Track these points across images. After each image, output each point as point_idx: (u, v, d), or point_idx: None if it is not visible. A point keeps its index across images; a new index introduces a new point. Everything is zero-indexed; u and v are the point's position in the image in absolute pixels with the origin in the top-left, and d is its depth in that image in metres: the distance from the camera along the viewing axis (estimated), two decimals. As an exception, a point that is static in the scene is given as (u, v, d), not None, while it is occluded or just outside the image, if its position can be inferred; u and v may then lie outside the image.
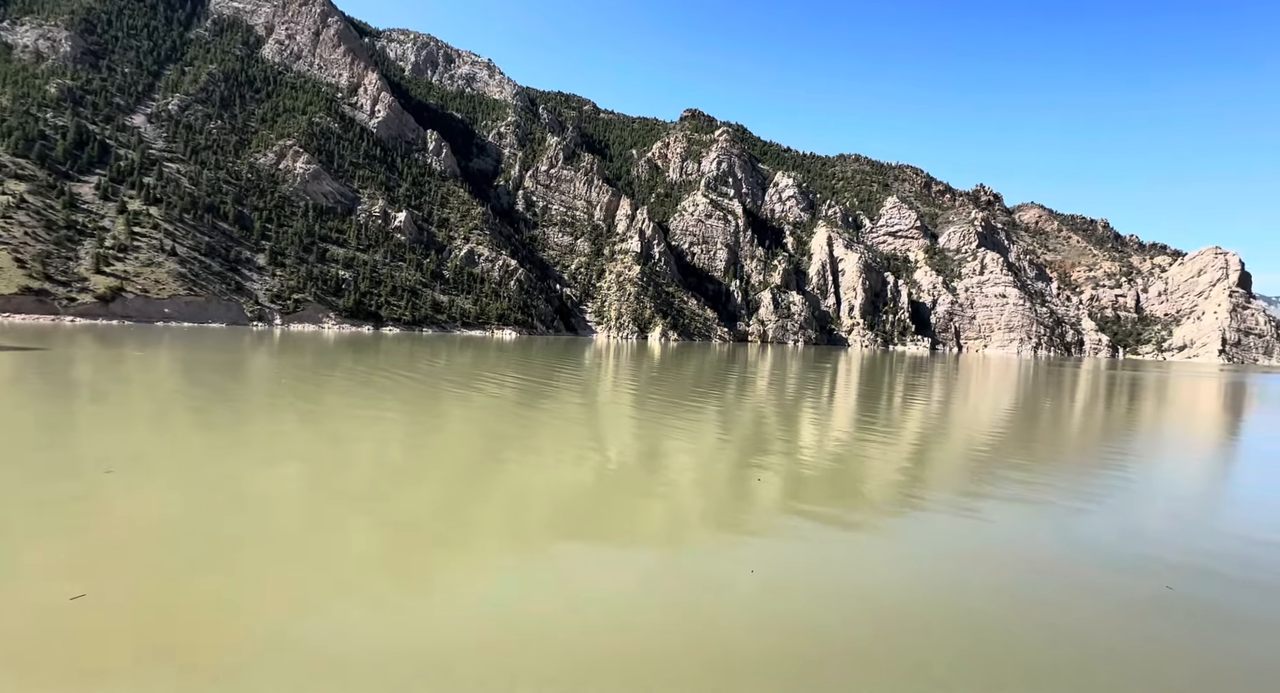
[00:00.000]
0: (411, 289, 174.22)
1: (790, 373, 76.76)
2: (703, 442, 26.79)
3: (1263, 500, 22.64)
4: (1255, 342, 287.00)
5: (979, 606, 11.47)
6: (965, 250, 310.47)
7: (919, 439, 31.65)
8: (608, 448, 24.76)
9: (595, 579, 11.75)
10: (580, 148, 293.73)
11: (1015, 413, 46.83)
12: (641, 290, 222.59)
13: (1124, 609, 11.59)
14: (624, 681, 8.41)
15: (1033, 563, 14.01)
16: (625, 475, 20.47)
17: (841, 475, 22.12)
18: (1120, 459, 29.62)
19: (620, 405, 38.59)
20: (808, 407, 43.09)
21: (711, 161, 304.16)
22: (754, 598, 11.21)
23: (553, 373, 59.13)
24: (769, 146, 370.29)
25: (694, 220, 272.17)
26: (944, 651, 9.69)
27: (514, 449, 23.07)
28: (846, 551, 14.23)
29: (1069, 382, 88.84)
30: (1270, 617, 11.55)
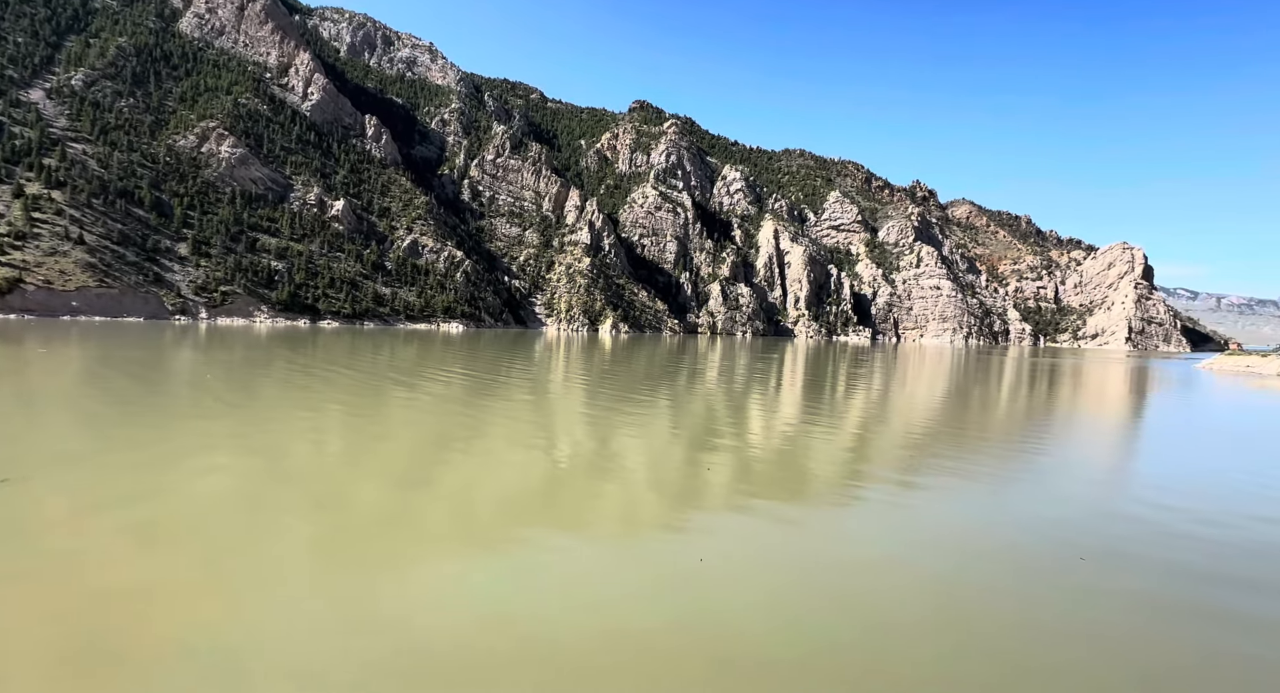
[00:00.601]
0: (351, 281, 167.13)
1: (739, 364, 78.31)
2: (654, 433, 27.00)
3: (1162, 473, 24.81)
4: (1156, 330, 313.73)
5: (914, 583, 12.09)
6: (903, 244, 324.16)
7: (860, 426, 32.96)
8: (559, 441, 24.60)
9: (547, 571, 11.69)
10: (528, 137, 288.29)
11: (948, 399, 49.44)
12: (592, 282, 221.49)
13: (1043, 581, 12.49)
14: (579, 668, 8.42)
15: (962, 541, 14.87)
16: (577, 468, 20.41)
17: (788, 463, 22.78)
18: (1039, 440, 31.79)
19: (571, 398, 38.38)
20: (756, 397, 44.09)
21: (661, 154, 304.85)
22: (703, 586, 11.42)
23: (502, 366, 58.15)
24: (717, 140, 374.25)
25: (644, 212, 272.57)
26: (889, 626, 10.19)
27: (463, 444, 22.59)
28: (793, 536, 14.68)
29: (996, 369, 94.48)
30: (1179, 588, 12.70)
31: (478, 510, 15.30)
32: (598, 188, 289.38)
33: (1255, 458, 27.92)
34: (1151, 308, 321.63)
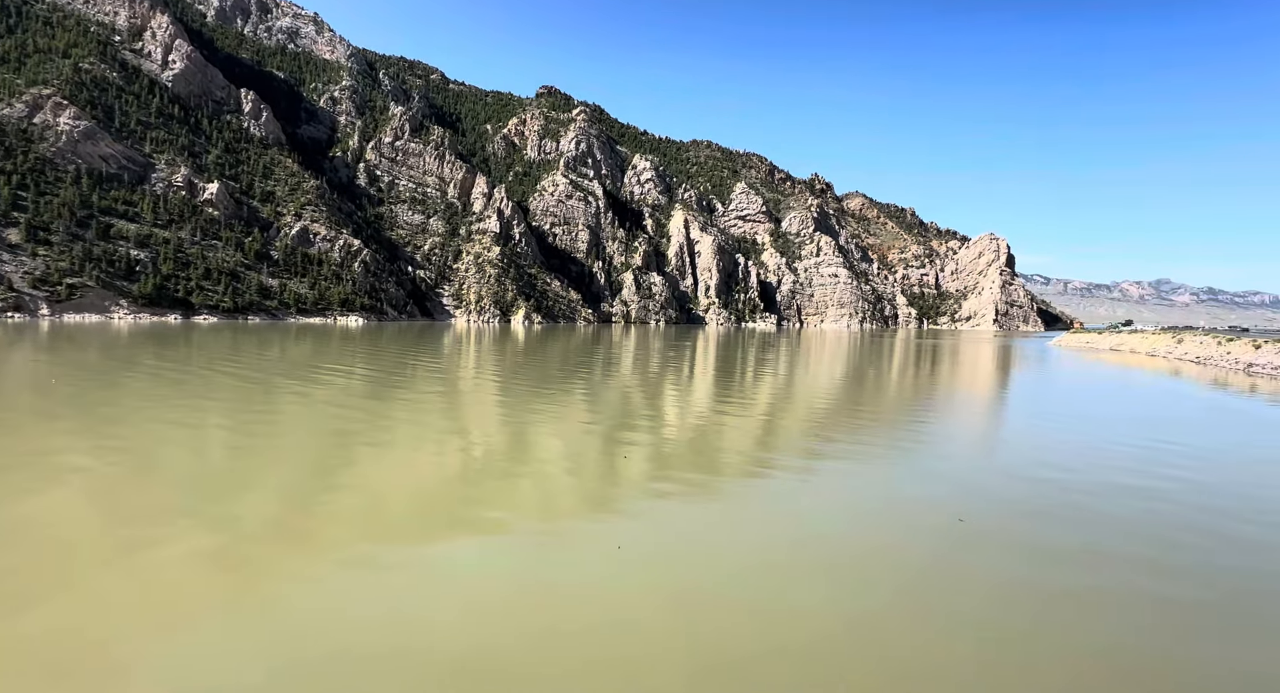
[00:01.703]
0: (231, 272, 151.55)
1: (653, 352, 79.48)
2: (570, 423, 26.82)
3: (1025, 440, 28.06)
4: (1017, 312, 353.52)
5: (817, 552, 12.89)
6: (804, 234, 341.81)
7: (768, 409, 34.57)
8: (472, 436, 23.81)
9: (459, 568, 11.29)
10: (429, 120, 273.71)
11: (846, 380, 53.00)
12: (502, 272, 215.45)
13: (927, 540, 13.75)
14: (491, 664, 8.22)
15: (859, 509, 16.06)
16: (491, 462, 19.87)
17: (702, 448, 23.46)
18: (924, 415, 34.89)
19: (484, 392, 37.26)
20: (670, 384, 44.97)
21: (570, 141, 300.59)
22: (620, 573, 11.52)
23: (408, 361, 55.30)
24: (627, 129, 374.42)
25: (555, 201, 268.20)
26: (799, 596, 10.78)
27: (367, 443, 21.26)
28: (707, 518, 15.16)
29: (887, 350, 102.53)
30: (1040, 538, 14.39)
31: (384, 511, 14.48)
32: (506, 175, 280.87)
33: (1094, 423, 32.28)
34: (1014, 293, 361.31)
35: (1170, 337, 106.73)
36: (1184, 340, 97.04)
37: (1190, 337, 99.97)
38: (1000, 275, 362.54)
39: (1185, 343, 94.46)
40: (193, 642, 8.73)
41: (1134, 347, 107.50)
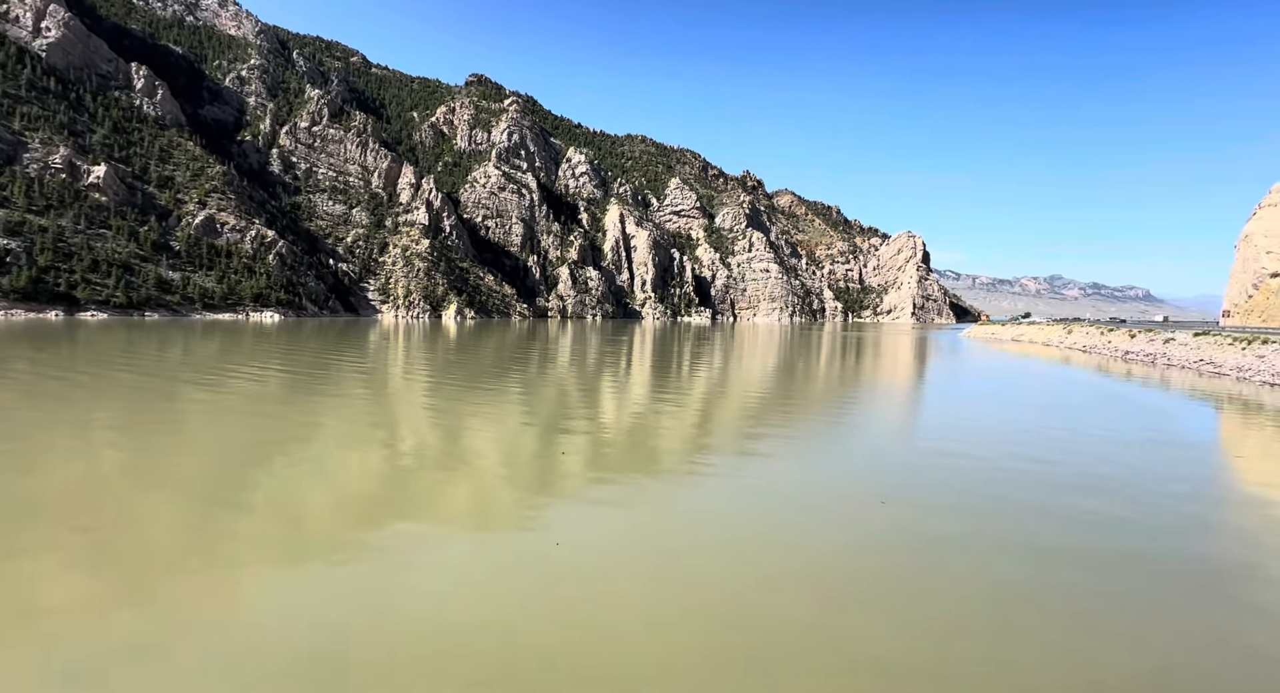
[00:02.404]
0: (124, 264, 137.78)
1: (590, 347, 79.15)
2: (506, 421, 26.26)
3: (939, 423, 30.01)
4: (932, 305, 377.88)
5: (751, 542, 13.25)
6: (737, 230, 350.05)
7: (704, 402, 35.20)
8: (400, 436, 22.83)
9: (388, 574, 10.78)
10: (350, 105, 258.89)
11: (777, 372, 54.81)
12: (432, 266, 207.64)
13: (851, 522, 14.44)
14: (426, 674, 7.91)
15: (790, 496, 16.64)
16: (422, 463, 19.13)
17: (640, 440, 23.58)
18: (850, 403, 36.65)
19: (413, 390, 35.83)
20: (607, 379, 44.92)
21: (502, 132, 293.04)
22: (559, 571, 11.39)
23: (329, 359, 52.33)
24: (560, 121, 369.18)
25: (487, 193, 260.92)
26: (731, 587, 11.03)
27: (285, 448, 19.93)
28: (646, 512, 15.25)
29: (815, 343, 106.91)
30: (956, 509, 15.40)
31: (303, 520, 13.62)
32: (434, 165, 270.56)
33: (998, 407, 34.97)
34: (929, 287, 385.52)
35: (1062, 328, 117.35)
36: (1073, 331, 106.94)
37: (1078, 328, 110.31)
38: (917, 271, 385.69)
39: (1074, 334, 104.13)
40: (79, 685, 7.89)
41: (1032, 337, 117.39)
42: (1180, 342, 69.61)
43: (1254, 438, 27.92)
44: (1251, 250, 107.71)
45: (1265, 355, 51.95)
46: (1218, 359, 57.14)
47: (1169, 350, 68.48)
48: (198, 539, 12.50)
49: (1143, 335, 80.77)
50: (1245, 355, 54.59)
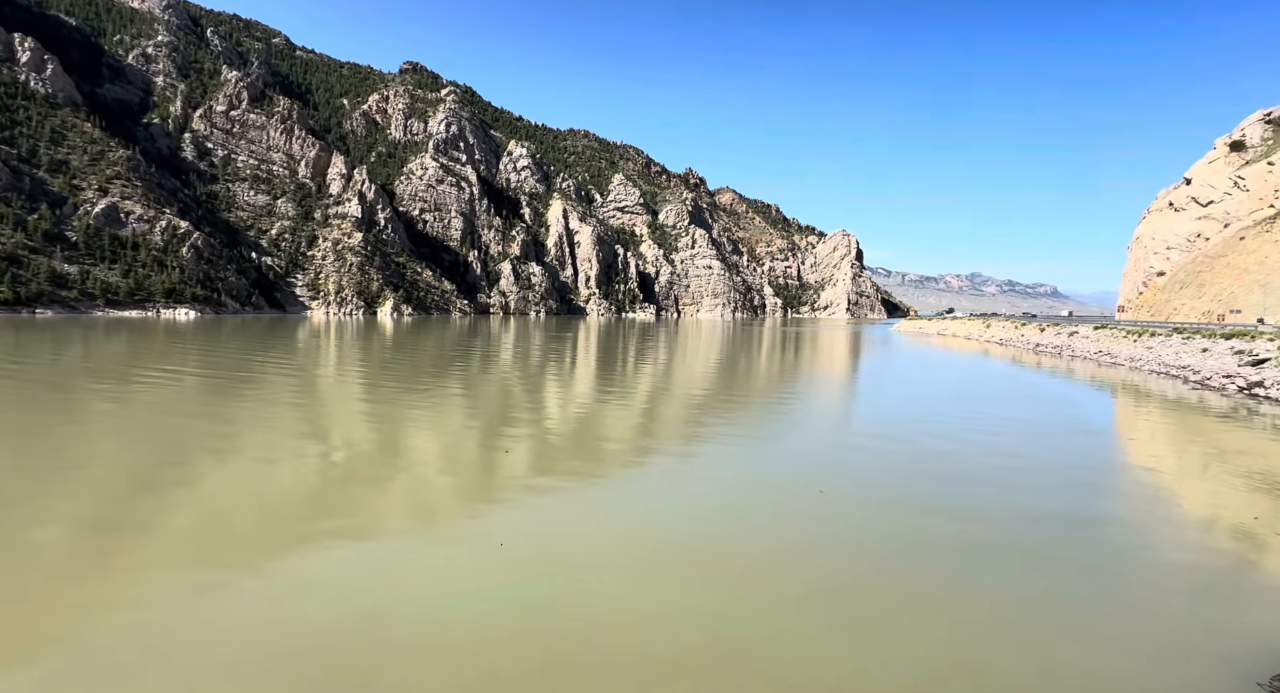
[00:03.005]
0: (10, 256, 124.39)
1: (534, 344, 78.10)
2: (446, 420, 25.56)
3: (872, 414, 31.46)
4: (865, 301, 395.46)
5: (697, 537, 13.50)
6: (680, 227, 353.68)
7: (649, 397, 35.46)
8: (333, 439, 21.80)
9: (321, 583, 10.30)
10: (273, 89, 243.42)
11: (720, 367, 55.89)
12: (366, 260, 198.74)
13: (791, 511, 14.96)
14: (366, 682, 7.63)
15: (732, 489, 17.05)
16: (356, 466, 18.34)
17: (584, 438, 23.51)
18: (789, 396, 37.85)
19: (347, 391, 34.28)
20: (551, 376, 44.49)
21: (440, 123, 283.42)
22: (504, 570, 11.23)
23: (253, 358, 49.25)
24: (501, 113, 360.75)
25: (424, 185, 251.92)
26: (676, 580, 11.19)
27: (202, 455, 18.62)
28: (591, 509, 15.24)
29: (757, 338, 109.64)
30: (887, 495, 16.19)
31: (227, 529, 12.80)
32: (367, 155, 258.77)
33: (924, 398, 37.02)
34: (863, 284, 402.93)
35: (981, 323, 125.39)
36: (991, 326, 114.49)
37: (996, 322, 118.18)
38: (851, 268, 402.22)
39: (992, 328, 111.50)
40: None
41: (955, 332, 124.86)
42: (1082, 335, 75.84)
43: (1143, 422, 30.83)
44: (1141, 251, 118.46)
45: (1153, 347, 57.35)
46: (1114, 350, 62.64)
47: (1073, 343, 74.50)
48: (92, 561, 11.51)
49: (1051, 329, 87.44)
50: (1136, 347, 60.09)
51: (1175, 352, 52.40)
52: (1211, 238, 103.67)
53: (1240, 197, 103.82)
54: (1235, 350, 45.15)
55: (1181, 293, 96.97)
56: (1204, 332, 56.05)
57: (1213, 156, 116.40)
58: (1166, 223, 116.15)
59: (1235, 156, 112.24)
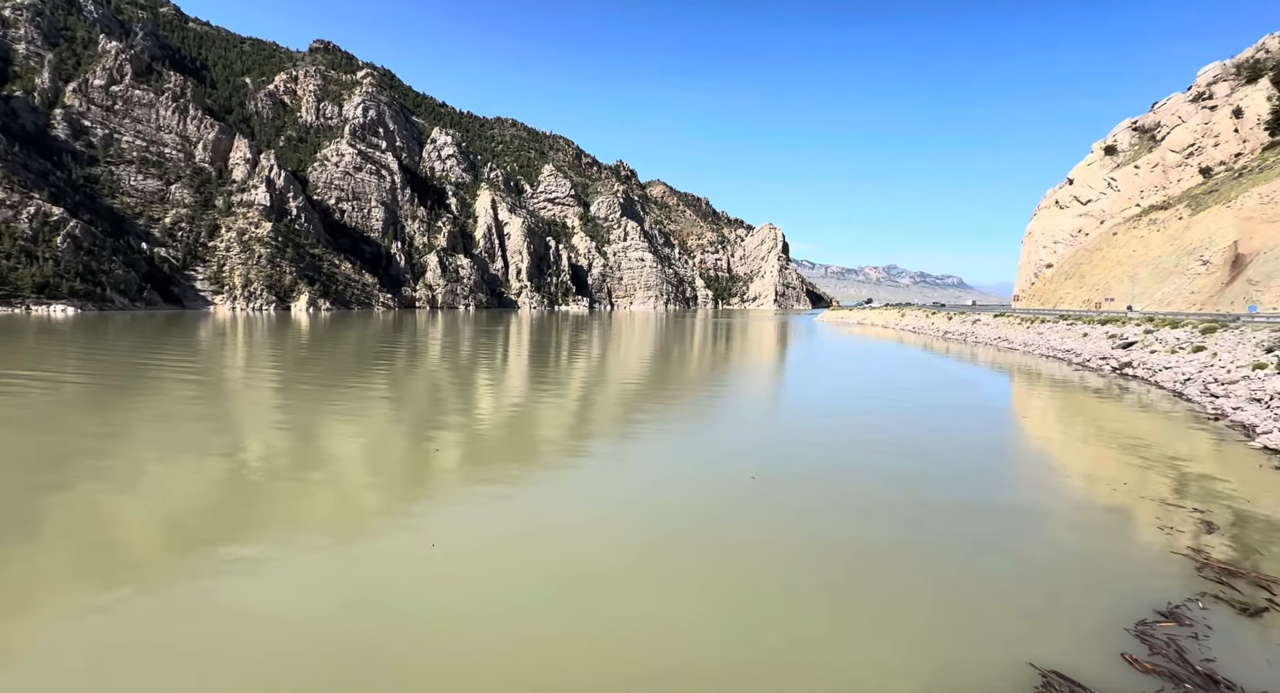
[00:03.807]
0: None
1: (463, 339, 75.84)
2: (370, 420, 24.41)
3: (800, 398, 32.82)
4: (792, 292, 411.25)
5: (632, 522, 13.65)
6: (612, 219, 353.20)
7: (582, 390, 35.32)
8: (243, 444, 20.31)
9: (235, 595, 9.61)
10: (162, 63, 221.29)
11: (654, 358, 56.47)
12: (277, 252, 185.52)
13: (725, 497, 15.41)
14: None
15: (667, 478, 17.33)
16: (267, 471, 17.18)
17: (517, 433, 23.13)
18: (721, 385, 38.82)
19: (257, 393, 31.99)
20: (482, 371, 43.40)
21: (357, 107, 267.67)
22: (437, 575, 10.91)
23: (146, 360, 44.95)
24: (423, 99, 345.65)
25: (340, 173, 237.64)
26: (615, 574, 11.26)
27: (86, 468, 16.83)
28: (524, 505, 15.04)
29: (689, 329, 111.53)
30: (814, 483, 16.94)
31: (117, 548, 11.68)
32: (275, 139, 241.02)
33: (846, 384, 39.02)
34: (789, 276, 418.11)
35: (897, 312, 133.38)
36: (905, 315, 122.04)
37: (909, 312, 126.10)
38: (778, 261, 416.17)
39: (906, 317, 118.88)
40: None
41: (873, 321, 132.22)
42: (984, 323, 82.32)
43: (1035, 401, 33.93)
44: (1033, 245, 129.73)
45: (1043, 333, 63.11)
46: (1010, 336, 68.44)
47: (976, 330, 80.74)
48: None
49: (957, 318, 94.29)
50: (1029, 333, 65.94)
51: (1061, 337, 57.92)
52: (1090, 233, 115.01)
53: (1113, 196, 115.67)
54: (1110, 335, 50.45)
55: (1066, 283, 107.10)
56: (1085, 318, 62.26)
57: (1090, 159, 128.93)
58: (1053, 219, 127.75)
59: (1109, 160, 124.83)
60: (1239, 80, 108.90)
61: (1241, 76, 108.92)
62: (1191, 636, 9.02)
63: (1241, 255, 64.90)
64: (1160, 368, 37.53)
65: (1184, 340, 40.38)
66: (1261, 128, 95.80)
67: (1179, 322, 46.23)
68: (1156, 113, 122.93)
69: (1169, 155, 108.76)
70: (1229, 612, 9.75)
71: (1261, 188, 68.95)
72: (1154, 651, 8.65)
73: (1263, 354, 30.09)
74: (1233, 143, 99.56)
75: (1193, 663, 8.34)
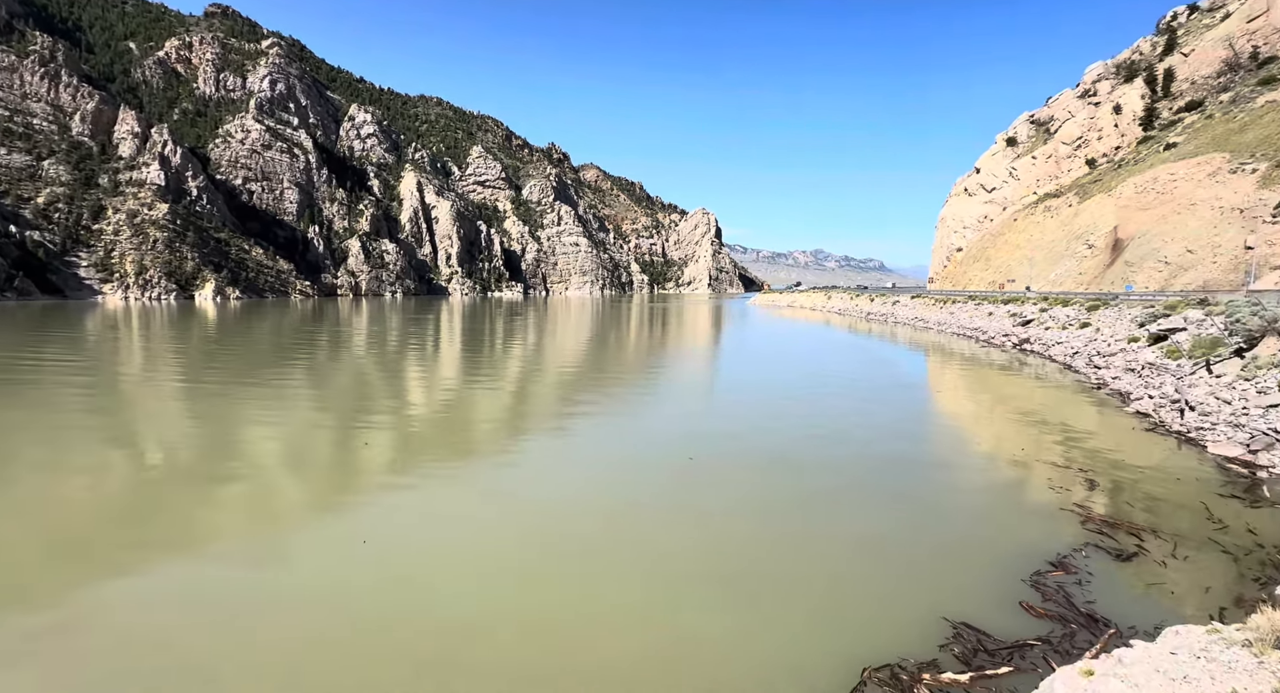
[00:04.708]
0: None
1: (390, 327, 72.66)
2: (292, 416, 23.06)
3: (734, 382, 33.74)
4: (725, 276, 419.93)
5: (570, 510, 13.70)
6: (545, 203, 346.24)
7: (518, 379, 34.81)
8: (146, 448, 18.70)
9: (143, 609, 8.94)
10: (24, 22, 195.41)
11: (591, 343, 56.31)
12: (176, 236, 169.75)
13: (664, 480, 15.73)
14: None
15: (605, 462, 17.47)
16: (180, 473, 15.93)
17: (451, 425, 22.55)
18: (659, 370, 39.29)
19: (160, 390, 29.44)
20: (413, 361, 41.85)
21: (263, 79, 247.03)
22: (368, 573, 10.57)
23: (18, 357, 40.25)
24: (339, 73, 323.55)
25: (247, 151, 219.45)
26: (551, 566, 11.29)
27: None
28: (459, 498, 14.76)
29: (625, 314, 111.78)
30: (748, 462, 17.52)
31: (8, 565, 10.56)
32: (168, 112, 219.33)
33: (776, 365, 40.47)
34: (722, 260, 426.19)
35: (824, 295, 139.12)
36: (831, 297, 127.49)
37: (835, 294, 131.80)
38: (711, 245, 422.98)
39: (832, 299, 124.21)
40: None
41: (802, 303, 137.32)
42: (903, 304, 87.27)
43: (947, 376, 36.49)
44: (945, 230, 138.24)
45: (954, 312, 67.68)
46: (926, 316, 72.98)
47: (896, 311, 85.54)
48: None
49: (879, 299, 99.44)
50: (942, 313, 70.55)
51: (970, 316, 62.37)
52: (995, 219, 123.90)
53: (1014, 184, 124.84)
54: (1011, 313, 54.81)
55: (974, 265, 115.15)
56: (990, 298, 67.26)
57: (995, 150, 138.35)
58: (963, 206, 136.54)
59: (1010, 150, 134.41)
60: (1118, 79, 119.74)
61: (1120, 76, 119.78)
62: (1076, 582, 10.12)
63: (1120, 240, 72.01)
64: (1053, 343, 41.25)
65: (1073, 317, 44.51)
66: (1136, 123, 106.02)
67: (1069, 301, 50.85)
68: (1050, 107, 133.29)
69: (1061, 147, 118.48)
70: (1106, 559, 11.01)
71: (1136, 178, 76.53)
72: (1046, 597, 9.66)
73: (1135, 329, 33.68)
74: (1113, 136, 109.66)
75: (1077, 606, 9.38)
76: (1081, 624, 8.89)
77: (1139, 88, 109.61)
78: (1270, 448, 16.51)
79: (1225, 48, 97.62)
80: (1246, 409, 18.62)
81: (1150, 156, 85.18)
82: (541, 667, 7.97)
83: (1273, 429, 17.10)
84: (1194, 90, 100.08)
